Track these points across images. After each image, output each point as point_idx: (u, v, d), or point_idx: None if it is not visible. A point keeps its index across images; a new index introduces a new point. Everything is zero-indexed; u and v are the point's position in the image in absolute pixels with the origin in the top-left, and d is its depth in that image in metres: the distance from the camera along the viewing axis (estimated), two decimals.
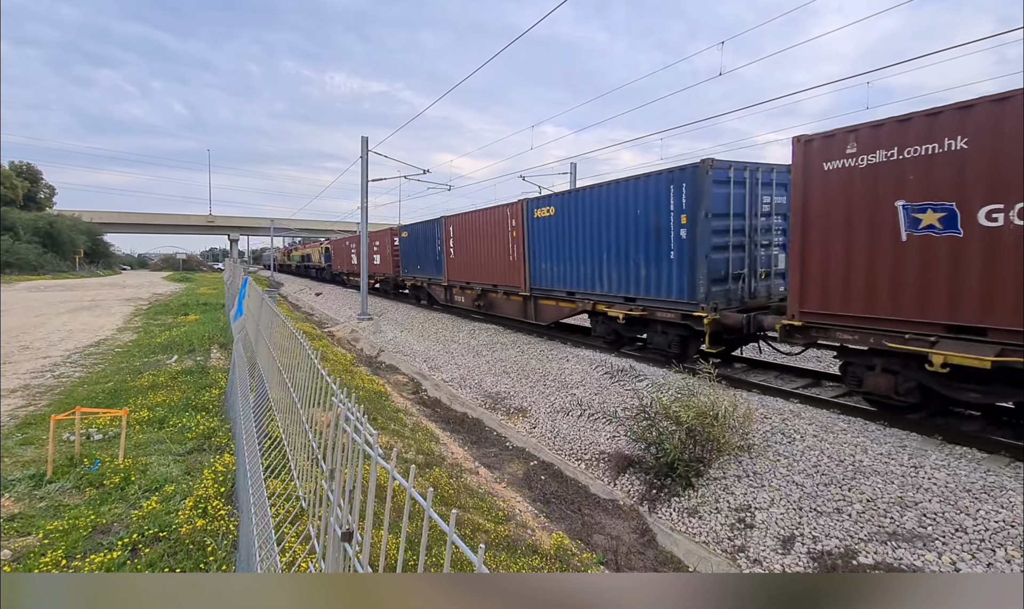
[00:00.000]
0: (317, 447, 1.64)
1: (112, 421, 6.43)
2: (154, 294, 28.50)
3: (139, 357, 10.83)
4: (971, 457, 5.54)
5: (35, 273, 40.70)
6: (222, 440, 5.96)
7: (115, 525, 4.16)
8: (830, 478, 5.53)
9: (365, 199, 20.85)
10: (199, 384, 8.35)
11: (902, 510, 4.88)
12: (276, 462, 2.59)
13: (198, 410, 7.04)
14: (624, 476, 6.66)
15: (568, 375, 9.88)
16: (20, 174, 55.01)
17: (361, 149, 20.37)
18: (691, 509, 5.76)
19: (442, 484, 5.85)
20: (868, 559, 4.51)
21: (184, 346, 11.75)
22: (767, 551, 4.96)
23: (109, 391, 8.07)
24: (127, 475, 4.91)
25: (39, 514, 4.28)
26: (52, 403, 7.56)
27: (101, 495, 4.61)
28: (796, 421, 6.75)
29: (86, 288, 31.78)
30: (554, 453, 7.66)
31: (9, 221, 42.43)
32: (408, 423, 8.29)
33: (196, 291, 29.99)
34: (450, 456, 7.17)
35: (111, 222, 66.82)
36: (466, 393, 10.58)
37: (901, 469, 5.43)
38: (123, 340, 13.27)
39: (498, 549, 4.73)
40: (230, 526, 4.01)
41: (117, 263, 65.95)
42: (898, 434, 6.21)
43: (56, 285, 33.51)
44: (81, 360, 10.71)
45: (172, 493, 4.62)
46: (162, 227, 73.56)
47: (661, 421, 6.49)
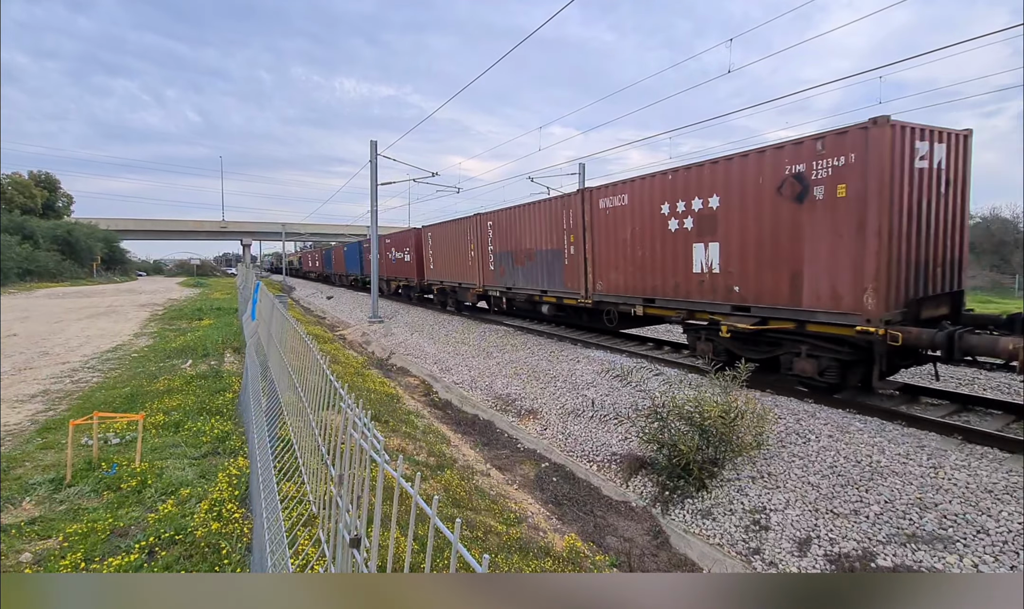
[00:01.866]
0: (326, 452, 1.65)
1: (129, 425, 6.53)
2: (169, 299, 28.93)
3: (155, 362, 10.99)
4: (992, 457, 5.41)
5: (54, 280, 41.54)
6: (236, 443, 6.02)
7: (132, 528, 4.21)
8: (847, 479, 5.44)
9: (375, 202, 20.99)
10: (213, 388, 8.45)
11: (921, 511, 4.78)
12: (289, 465, 2.61)
13: (212, 414, 7.12)
14: (636, 477, 6.62)
15: (579, 376, 9.85)
16: (39, 183, 56.15)
17: (370, 153, 20.52)
18: (705, 511, 5.70)
19: (454, 486, 5.85)
20: (887, 561, 4.43)
21: (198, 350, 11.90)
22: (783, 553, 4.89)
23: (126, 396, 8.20)
24: (144, 479, 4.98)
25: (59, 517, 4.35)
26: (71, 408, 7.70)
27: (119, 498, 4.68)
28: (811, 421, 6.66)
29: (103, 294, 32.37)
30: (565, 455, 7.63)
31: (29, 229, 43.31)
32: (419, 426, 8.31)
33: (210, 296, 30.38)
34: (461, 458, 7.18)
35: (127, 229, 68.00)
36: (477, 395, 10.59)
37: (920, 469, 5.33)
38: (139, 345, 13.48)
39: (510, 552, 4.72)
40: (244, 529, 4.05)
41: (133, 269, 67.02)
42: (916, 434, 6.09)
43: (74, 291, 34.17)
44: (99, 365, 10.90)
45: (187, 496, 4.67)
46: (176, 233, 74.73)
47: (674, 421, 6.43)
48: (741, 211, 7.94)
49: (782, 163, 7.24)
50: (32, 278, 39.28)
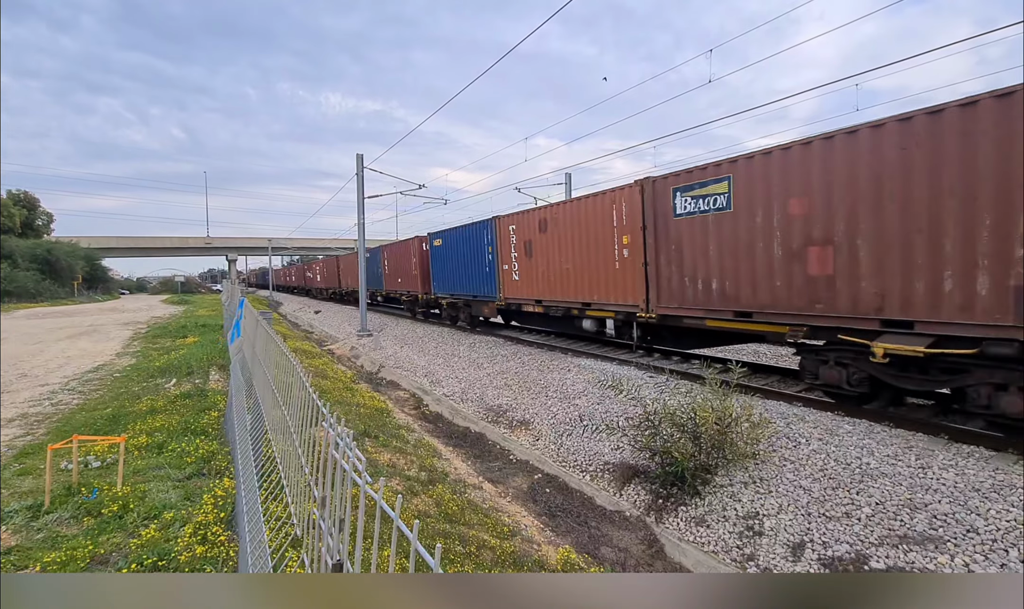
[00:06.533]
0: (310, 472, 1.61)
1: (110, 448, 6.36)
2: (152, 317, 28.44)
3: (138, 382, 10.76)
4: (979, 456, 5.48)
5: (33, 300, 40.67)
6: (222, 464, 5.89)
7: (113, 555, 4.08)
8: (837, 482, 5.46)
9: (362, 215, 20.91)
10: (198, 407, 8.28)
11: (912, 512, 4.81)
12: (276, 484, 2.54)
13: (197, 434, 6.96)
14: (630, 486, 6.59)
15: (570, 385, 9.82)
16: (18, 202, 55.19)
17: (357, 166, 20.47)
18: (698, 518, 5.68)
19: (446, 501, 5.77)
20: (880, 564, 4.43)
21: (183, 369, 11.68)
22: (777, 558, 4.88)
23: (107, 417, 8.00)
24: (126, 503, 4.84)
25: (36, 546, 4.20)
26: (50, 431, 7.49)
27: (99, 524, 4.53)
28: (800, 425, 6.69)
29: (84, 314, 31.73)
30: (558, 465, 7.58)
31: (7, 249, 42.50)
32: (410, 439, 8.21)
33: (195, 313, 29.94)
34: (453, 472, 7.09)
35: (109, 246, 66.99)
36: (468, 407, 10.51)
37: (909, 470, 5.37)
38: (121, 365, 13.20)
39: (504, 565, 4.65)
40: (230, 552, 3.94)
41: (115, 288, 65.92)
42: (904, 435, 6.15)
43: (55, 312, 33.47)
44: (79, 387, 10.64)
45: (171, 520, 4.55)
46: (160, 250, 73.74)
47: (666, 428, 6.42)
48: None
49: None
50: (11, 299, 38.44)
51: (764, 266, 7.59)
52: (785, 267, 7.33)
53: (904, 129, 5.97)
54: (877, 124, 6.20)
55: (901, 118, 6.01)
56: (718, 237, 8.25)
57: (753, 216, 7.70)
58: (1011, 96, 5.19)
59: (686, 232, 8.76)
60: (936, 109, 5.71)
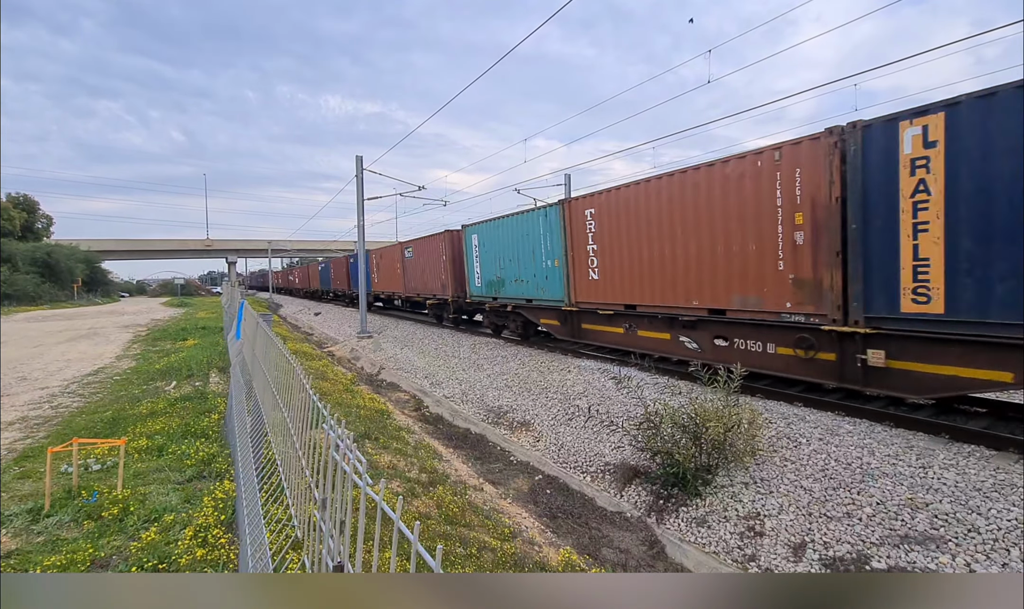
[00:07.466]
0: (310, 474, 1.60)
1: (110, 451, 6.35)
2: (152, 320, 28.44)
3: (138, 384, 10.76)
4: (979, 455, 5.47)
5: (33, 303, 40.67)
6: (222, 466, 5.88)
7: (114, 558, 4.08)
8: (838, 482, 5.45)
9: (361, 217, 20.92)
10: (198, 409, 8.28)
11: (913, 512, 4.80)
12: (277, 485, 2.54)
13: (197, 436, 6.96)
14: (630, 487, 6.58)
15: (570, 386, 9.82)
16: (17, 205, 55.21)
17: (356, 168, 20.49)
18: (699, 519, 5.68)
19: (447, 502, 5.76)
20: (881, 563, 4.43)
21: (183, 372, 11.68)
22: (778, 559, 4.87)
23: (107, 420, 7.99)
24: (126, 506, 4.83)
25: (36, 549, 4.20)
26: (50, 435, 7.48)
27: (99, 527, 4.53)
28: (801, 425, 6.69)
29: (84, 317, 31.72)
30: (559, 466, 7.57)
31: (7, 252, 42.52)
32: (411, 441, 8.20)
33: (194, 316, 29.94)
34: (454, 473, 7.08)
35: (109, 249, 67.04)
36: (468, 408, 10.50)
37: (910, 470, 5.36)
38: (121, 368, 13.20)
39: (505, 567, 4.64)
40: (231, 555, 3.93)
41: (115, 290, 65.88)
42: (904, 434, 6.14)
43: (55, 315, 33.46)
44: (79, 390, 10.64)
45: (172, 523, 4.54)
46: (160, 252, 73.80)
47: (667, 428, 6.41)
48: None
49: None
50: (11, 302, 38.45)
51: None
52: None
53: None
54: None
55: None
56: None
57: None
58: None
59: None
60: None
